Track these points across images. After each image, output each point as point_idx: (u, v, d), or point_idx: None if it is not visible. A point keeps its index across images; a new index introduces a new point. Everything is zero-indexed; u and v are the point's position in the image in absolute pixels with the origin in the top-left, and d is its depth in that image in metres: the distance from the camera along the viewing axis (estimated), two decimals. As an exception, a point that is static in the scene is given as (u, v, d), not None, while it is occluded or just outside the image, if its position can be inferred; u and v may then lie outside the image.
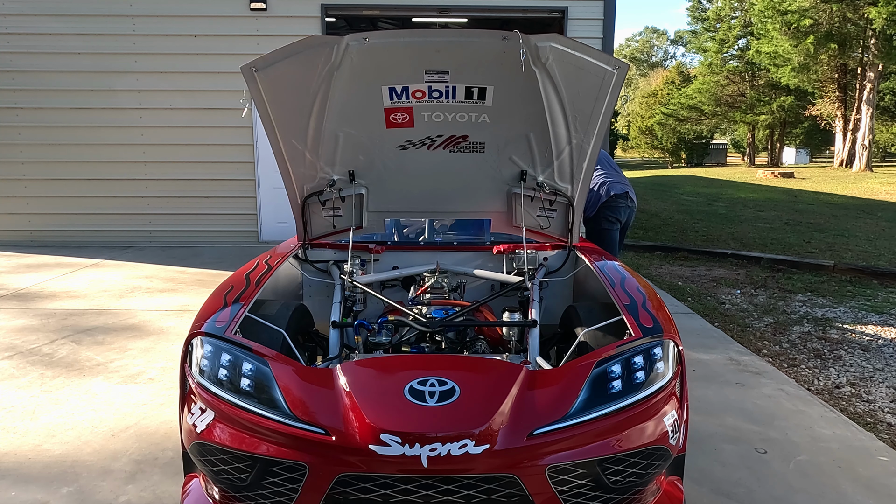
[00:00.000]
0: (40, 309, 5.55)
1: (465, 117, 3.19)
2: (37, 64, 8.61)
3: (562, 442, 2.05)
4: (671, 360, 2.33)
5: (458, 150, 3.37)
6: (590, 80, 2.96)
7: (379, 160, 3.42)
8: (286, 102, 3.10)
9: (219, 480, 2.18)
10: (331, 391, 2.15)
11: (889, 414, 3.75)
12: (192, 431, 2.21)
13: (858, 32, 27.37)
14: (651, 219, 12.90)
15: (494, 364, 2.39)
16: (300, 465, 2.02)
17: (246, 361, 2.24)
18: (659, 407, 2.22)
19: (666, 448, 2.19)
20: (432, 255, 3.75)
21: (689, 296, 6.38)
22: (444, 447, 1.95)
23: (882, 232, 11.26)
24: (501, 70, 2.92)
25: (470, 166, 3.45)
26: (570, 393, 2.15)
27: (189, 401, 2.30)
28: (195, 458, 2.25)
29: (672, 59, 72.32)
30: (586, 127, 3.16)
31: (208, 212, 8.97)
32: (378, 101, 3.08)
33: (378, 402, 2.09)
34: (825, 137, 41.34)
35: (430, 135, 3.29)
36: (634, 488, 2.16)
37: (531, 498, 2.01)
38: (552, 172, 3.43)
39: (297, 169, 3.38)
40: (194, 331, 2.38)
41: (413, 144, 3.33)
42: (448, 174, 3.49)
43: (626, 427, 2.13)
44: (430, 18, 11.10)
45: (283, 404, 2.11)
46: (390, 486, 1.99)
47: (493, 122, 3.21)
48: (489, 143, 3.33)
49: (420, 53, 2.91)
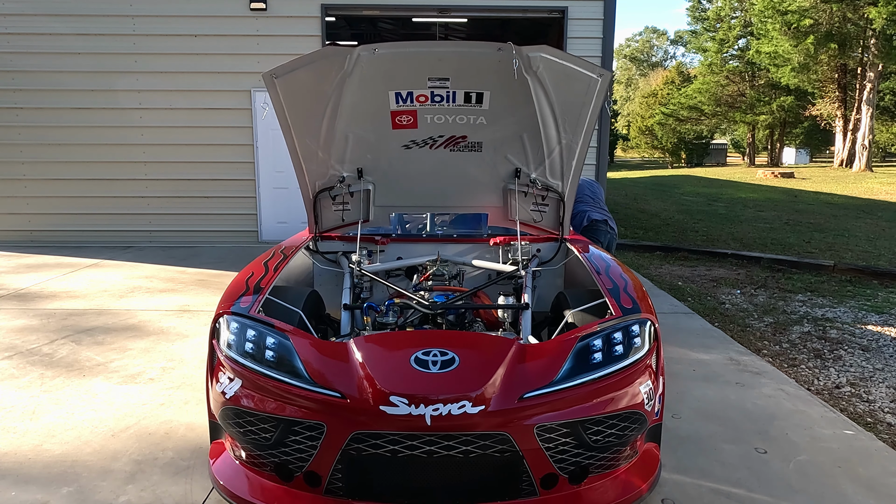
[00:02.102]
0: (40, 309, 5.55)
1: (465, 119, 3.49)
2: (37, 64, 8.61)
3: (548, 405, 2.33)
4: (647, 337, 2.61)
5: (457, 150, 3.66)
6: (577, 86, 3.26)
7: (385, 158, 3.72)
8: (302, 106, 3.41)
9: (246, 441, 2.43)
10: (345, 361, 2.43)
11: (889, 414, 3.75)
12: (222, 398, 2.47)
13: (858, 32, 27.37)
14: (651, 219, 12.90)
15: (490, 338, 2.73)
16: (319, 424, 2.29)
17: (269, 336, 2.52)
18: (635, 377, 2.49)
19: (641, 413, 2.46)
20: (434, 246, 4.03)
21: (689, 296, 6.38)
22: (445, 408, 2.23)
23: (882, 232, 11.26)
24: (497, 77, 3.22)
25: (469, 164, 3.74)
26: (556, 363, 2.44)
27: (217, 372, 2.55)
28: (224, 423, 2.50)
29: (672, 59, 72.31)
30: (575, 128, 3.46)
31: (208, 212, 8.97)
32: (385, 104, 3.38)
33: (387, 369, 2.38)
34: (825, 137, 41.34)
35: (433, 135, 3.58)
36: (613, 447, 2.43)
37: (521, 453, 2.28)
38: (544, 170, 3.73)
39: (310, 166, 3.66)
40: (221, 310, 2.67)
41: (416, 144, 3.63)
42: (448, 172, 3.78)
43: (605, 393, 2.40)
44: (430, 18, 11.09)
45: (304, 372, 2.38)
46: (398, 442, 2.25)
47: (489, 123, 3.50)
48: (486, 143, 3.63)
49: (424, 62, 3.22)
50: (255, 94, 8.67)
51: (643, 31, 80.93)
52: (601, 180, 8.85)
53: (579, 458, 2.37)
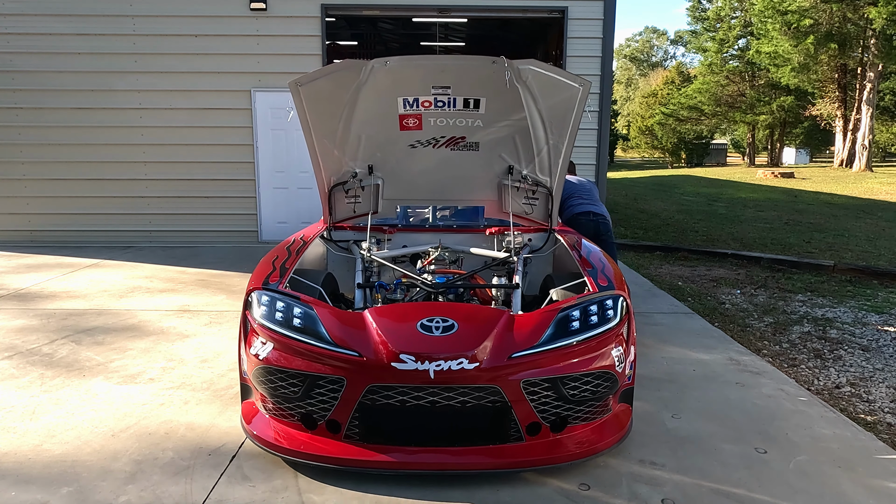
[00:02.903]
0: (40, 309, 5.55)
1: (464, 122, 3.97)
2: (37, 64, 8.61)
3: (532, 363, 2.77)
4: (620, 310, 3.04)
5: (457, 149, 4.15)
6: (561, 94, 3.70)
7: (393, 156, 4.19)
8: (322, 110, 3.84)
9: (276, 395, 2.88)
10: (362, 327, 2.87)
11: (889, 414, 3.75)
12: (255, 360, 2.90)
13: (858, 32, 27.37)
14: (651, 219, 12.91)
15: (485, 309, 3.24)
16: (339, 378, 2.73)
17: (296, 307, 2.97)
18: (608, 343, 2.93)
19: (613, 374, 2.91)
20: (435, 236, 4.43)
21: (689, 296, 6.38)
22: (445, 364, 2.68)
23: (882, 232, 11.26)
24: (491, 86, 3.69)
25: (467, 162, 4.23)
26: (540, 329, 2.88)
27: (251, 338, 2.97)
28: (257, 381, 2.93)
29: (672, 59, 72.33)
30: (560, 131, 3.90)
31: (208, 212, 8.97)
32: (394, 109, 3.86)
33: (397, 333, 2.82)
34: (825, 137, 41.33)
35: (435, 136, 4.06)
36: (588, 402, 2.88)
37: (509, 404, 2.74)
38: (534, 167, 4.20)
39: (327, 163, 4.13)
40: (252, 287, 3.14)
41: (421, 144, 4.11)
42: (449, 169, 4.25)
43: (581, 355, 2.85)
44: (430, 18, 11.09)
45: (326, 336, 2.83)
46: (406, 393, 2.70)
47: (485, 126, 3.99)
48: (482, 143, 4.12)
49: (428, 72, 3.71)
50: (255, 94, 8.67)
51: (643, 31, 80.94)
52: (601, 180, 8.85)
53: (559, 410, 2.83)
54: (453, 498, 2.71)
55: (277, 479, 2.83)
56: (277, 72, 8.60)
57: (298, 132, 8.86)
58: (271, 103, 8.71)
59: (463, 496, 2.72)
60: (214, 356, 4.41)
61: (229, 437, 3.21)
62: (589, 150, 8.83)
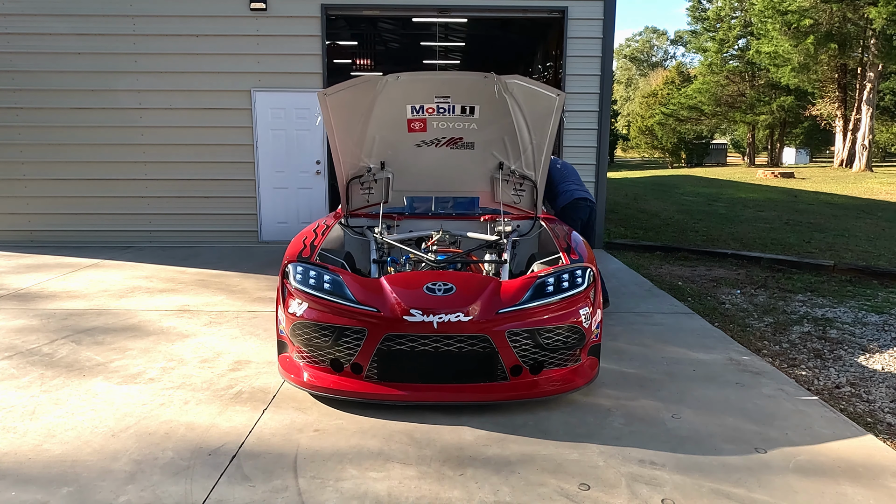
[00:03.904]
0: (40, 309, 5.55)
1: (461, 125, 4.72)
2: (37, 64, 8.61)
3: (515, 317, 3.46)
4: (587, 279, 3.71)
5: (456, 148, 4.90)
6: (542, 103, 4.44)
7: (402, 154, 4.93)
8: (344, 115, 4.55)
9: (309, 345, 3.54)
10: (379, 290, 3.56)
11: (889, 414, 3.74)
12: (293, 317, 3.55)
13: (858, 32, 27.37)
14: (651, 219, 12.90)
15: (478, 275, 4.00)
16: (362, 329, 3.42)
17: (326, 274, 3.65)
18: (576, 303, 3.59)
19: (580, 328, 3.56)
20: (437, 222, 5.13)
21: (689, 296, 6.38)
22: (446, 317, 3.38)
23: (882, 232, 11.26)
24: (484, 96, 4.44)
25: (464, 159, 4.97)
26: (521, 292, 3.57)
27: (288, 300, 3.63)
28: (293, 335, 3.58)
29: (672, 59, 72.33)
30: (542, 133, 4.63)
31: (208, 212, 8.97)
32: (403, 114, 4.61)
33: (407, 293, 3.52)
34: (825, 137, 41.33)
35: (438, 137, 4.82)
36: (560, 350, 3.54)
37: (496, 349, 3.42)
38: (521, 163, 4.94)
39: (346, 160, 4.85)
40: (288, 260, 3.80)
41: (426, 143, 4.87)
42: (449, 165, 4.99)
43: (554, 311, 3.53)
44: (430, 18, 11.09)
45: (351, 296, 3.52)
46: (414, 340, 3.41)
47: (479, 128, 4.74)
48: (477, 143, 4.86)
49: (432, 85, 4.50)
50: (255, 93, 8.67)
51: (643, 31, 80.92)
52: (601, 180, 8.85)
53: (537, 356, 3.50)
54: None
55: (277, 479, 2.83)
56: (277, 72, 8.60)
57: (298, 132, 8.96)
58: (271, 103, 8.72)
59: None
60: (214, 356, 4.41)
61: (229, 437, 3.21)
62: (589, 150, 8.83)
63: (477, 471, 2.91)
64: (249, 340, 4.76)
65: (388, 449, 3.11)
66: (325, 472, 2.89)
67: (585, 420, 3.45)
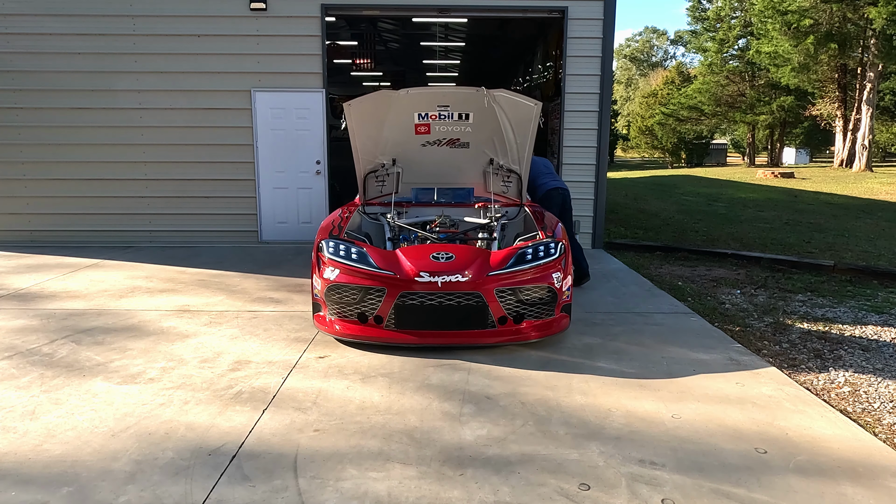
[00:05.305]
0: (40, 309, 5.55)
1: (458, 129, 5.66)
2: (37, 64, 8.61)
3: (501, 279, 4.41)
4: (559, 250, 4.63)
5: (454, 147, 5.81)
6: (523, 110, 5.38)
7: (410, 152, 5.83)
8: (364, 121, 5.47)
9: (340, 303, 4.49)
10: (395, 259, 4.54)
11: (889, 414, 3.75)
12: (327, 282, 4.48)
13: (858, 32, 27.38)
14: (651, 219, 12.90)
15: (472, 247, 4.96)
16: (382, 288, 4.38)
17: (353, 247, 4.59)
18: (550, 269, 4.54)
19: (552, 287, 4.51)
20: (439, 209, 6.06)
21: (689, 296, 6.37)
22: (447, 277, 4.33)
23: (882, 232, 11.26)
24: (476, 104, 5.42)
25: (461, 156, 5.89)
26: (506, 260, 4.52)
27: (323, 268, 4.54)
28: (327, 295, 4.51)
29: (672, 59, 72.32)
30: (524, 135, 5.56)
31: (208, 212, 8.97)
32: (411, 120, 5.55)
33: (417, 260, 4.47)
34: (825, 137, 41.33)
35: (439, 138, 5.74)
36: (538, 305, 4.51)
37: (486, 303, 4.37)
38: (507, 159, 5.87)
39: (364, 157, 5.75)
40: (321, 238, 4.73)
41: (430, 143, 5.77)
42: (449, 161, 5.92)
43: (532, 274, 4.48)
44: (430, 18, 11.10)
45: (374, 263, 4.45)
46: (424, 297, 4.36)
47: (473, 131, 5.66)
48: (472, 143, 5.78)
49: (435, 97, 5.52)
50: (255, 93, 8.67)
51: (643, 31, 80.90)
52: (601, 180, 8.85)
53: (518, 309, 4.46)
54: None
55: (277, 479, 2.83)
56: (277, 72, 8.60)
57: (298, 132, 8.98)
58: (271, 103, 8.72)
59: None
60: (214, 356, 4.42)
61: (229, 437, 3.21)
62: (589, 150, 8.82)
63: (477, 471, 2.91)
64: (249, 340, 4.76)
65: (388, 449, 3.12)
66: (325, 472, 2.90)
67: (585, 420, 3.45)
